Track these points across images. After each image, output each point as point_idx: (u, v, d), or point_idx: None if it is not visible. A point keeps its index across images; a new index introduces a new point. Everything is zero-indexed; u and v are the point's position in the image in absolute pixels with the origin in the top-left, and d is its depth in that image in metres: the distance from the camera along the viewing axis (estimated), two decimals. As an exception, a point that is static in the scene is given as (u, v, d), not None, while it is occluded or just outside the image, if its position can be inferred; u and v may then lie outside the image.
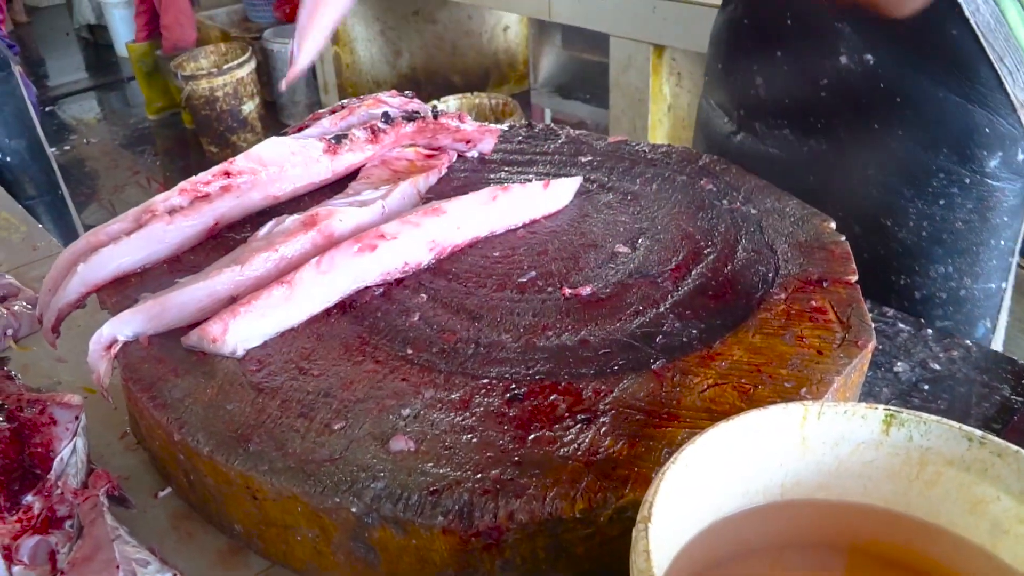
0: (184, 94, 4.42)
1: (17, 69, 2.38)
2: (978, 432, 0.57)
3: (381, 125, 1.08)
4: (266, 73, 4.61)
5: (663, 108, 2.68)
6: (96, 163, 4.76)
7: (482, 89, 4.47)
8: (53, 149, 2.49)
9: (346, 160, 1.05)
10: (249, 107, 4.44)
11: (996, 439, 0.56)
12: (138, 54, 4.96)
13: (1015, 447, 0.56)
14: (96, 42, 6.62)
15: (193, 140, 4.85)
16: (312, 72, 4.41)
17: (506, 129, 1.21)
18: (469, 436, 0.67)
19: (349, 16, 4.03)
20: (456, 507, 0.61)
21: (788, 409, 0.59)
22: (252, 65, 4.41)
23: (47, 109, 5.43)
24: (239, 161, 1.02)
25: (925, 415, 0.58)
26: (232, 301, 0.81)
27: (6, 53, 2.32)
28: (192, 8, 4.67)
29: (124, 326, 0.79)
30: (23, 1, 7.21)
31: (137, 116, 5.33)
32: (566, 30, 3.58)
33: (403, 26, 4.25)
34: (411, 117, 1.10)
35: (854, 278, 0.83)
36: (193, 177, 0.96)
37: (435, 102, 3.79)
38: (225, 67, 4.34)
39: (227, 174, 0.99)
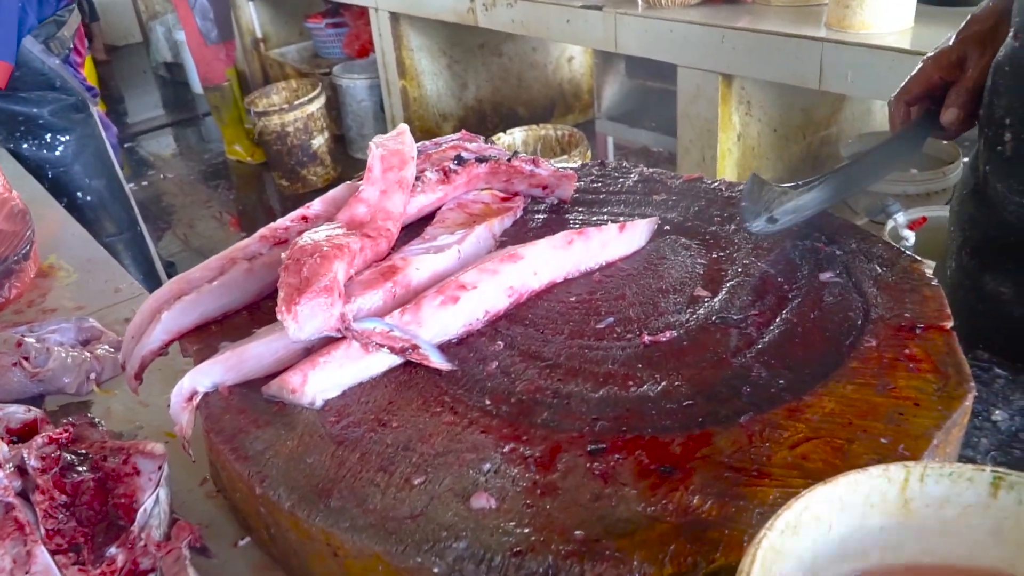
0: (256, 129, 4.54)
1: (96, 110, 2.46)
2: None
3: (452, 167, 1.08)
4: (335, 108, 4.71)
5: (732, 137, 2.64)
6: (172, 198, 4.90)
7: (547, 119, 4.48)
8: (131, 185, 2.56)
9: (418, 202, 1.05)
10: (319, 141, 4.53)
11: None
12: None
13: None
14: (173, 79, 6.84)
15: (255, 174, 4.97)
16: (379, 105, 4.48)
17: (578, 167, 1.20)
18: (551, 493, 0.65)
19: (416, 50, 4.10)
20: (541, 570, 0.59)
21: (889, 471, 0.56)
22: (322, 100, 4.51)
23: (126, 145, 5.62)
24: (316, 205, 1.03)
25: (1038, 478, 0.55)
26: (308, 352, 0.81)
27: (85, 96, 2.39)
28: (211, 47, 4.77)
29: (203, 377, 0.80)
30: (103, 40, 7.48)
31: (211, 151, 5.49)
32: (630, 59, 3.56)
33: (469, 59, 4.30)
34: (483, 159, 1.09)
35: (949, 324, 0.80)
36: (273, 223, 0.97)
37: (500, 134, 3.81)
38: (296, 103, 4.44)
39: (305, 219, 1.00)
